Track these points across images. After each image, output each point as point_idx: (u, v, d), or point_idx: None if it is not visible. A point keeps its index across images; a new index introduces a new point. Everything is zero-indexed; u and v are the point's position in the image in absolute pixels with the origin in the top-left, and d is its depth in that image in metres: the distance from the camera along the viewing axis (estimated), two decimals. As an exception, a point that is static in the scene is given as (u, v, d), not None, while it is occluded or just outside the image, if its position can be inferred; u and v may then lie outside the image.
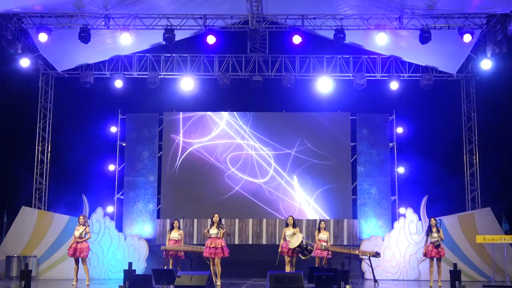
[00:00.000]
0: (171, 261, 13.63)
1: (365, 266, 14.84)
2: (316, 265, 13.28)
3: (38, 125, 17.07)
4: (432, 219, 13.12)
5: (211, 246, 12.47)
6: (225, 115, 17.37)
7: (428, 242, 13.06)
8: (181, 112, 17.43)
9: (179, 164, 17.16)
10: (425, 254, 13.15)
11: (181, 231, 13.82)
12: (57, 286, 12.46)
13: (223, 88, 16.52)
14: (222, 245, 12.55)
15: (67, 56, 16.35)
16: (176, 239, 13.63)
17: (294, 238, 12.79)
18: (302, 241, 12.69)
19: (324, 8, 14.44)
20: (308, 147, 17.08)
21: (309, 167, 16.99)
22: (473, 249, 14.74)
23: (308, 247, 12.75)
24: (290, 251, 12.83)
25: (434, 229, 12.99)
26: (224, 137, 17.25)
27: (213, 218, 12.74)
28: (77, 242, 12.85)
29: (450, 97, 17.10)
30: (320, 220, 14.01)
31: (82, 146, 16.69)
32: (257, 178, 17.01)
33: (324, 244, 13.42)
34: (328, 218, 16.46)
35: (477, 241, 14.28)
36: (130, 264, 11.49)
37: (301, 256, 12.83)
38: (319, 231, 13.60)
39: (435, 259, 13.04)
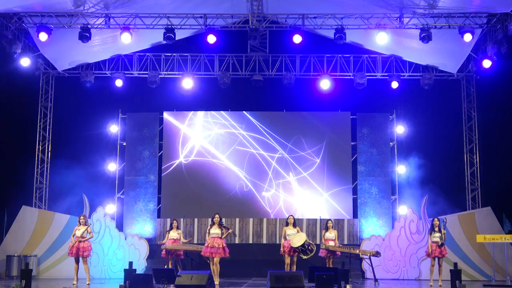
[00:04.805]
0: (170, 260, 13.63)
1: (365, 265, 14.84)
2: (327, 265, 13.25)
3: (38, 125, 17.08)
4: (435, 219, 13.12)
5: (212, 246, 12.46)
6: (226, 114, 17.36)
7: (431, 242, 13.06)
8: (181, 112, 17.43)
9: (179, 164, 17.16)
10: (428, 254, 13.13)
11: (180, 231, 13.84)
12: (57, 285, 12.45)
13: (223, 88, 16.51)
14: (223, 245, 12.55)
15: (67, 56, 16.35)
16: (175, 238, 13.64)
17: (296, 237, 12.78)
18: (305, 241, 12.67)
19: (325, 7, 14.44)
20: (308, 146, 17.08)
21: (309, 166, 16.99)
22: (473, 248, 14.73)
23: (310, 247, 12.74)
24: (292, 250, 12.83)
25: (436, 229, 12.99)
26: (224, 136, 17.25)
27: (214, 219, 12.72)
28: (79, 242, 12.85)
29: (450, 97, 17.10)
30: (327, 220, 14.00)
31: (83, 146, 16.72)
32: (257, 177, 17.00)
33: (327, 244, 13.38)
34: (329, 218, 16.43)
35: (478, 241, 14.26)
36: (130, 263, 11.50)
37: (302, 255, 12.82)
38: (326, 230, 13.59)
39: (437, 258, 13.03)
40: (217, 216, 12.73)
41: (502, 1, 13.18)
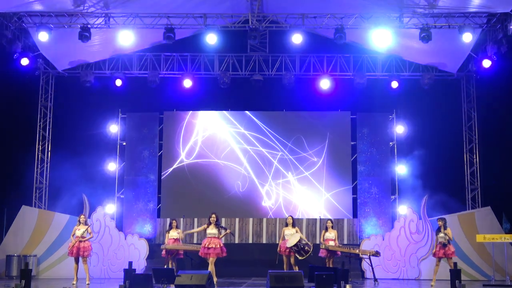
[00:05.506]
0: (170, 260, 13.64)
1: (365, 265, 14.84)
2: (327, 265, 13.25)
3: (38, 124, 17.08)
4: (439, 220, 13.17)
5: (209, 246, 12.44)
6: (226, 114, 17.36)
7: (437, 242, 13.13)
8: (181, 111, 17.42)
9: (179, 163, 17.16)
10: (433, 254, 13.20)
11: (179, 230, 13.88)
12: (57, 285, 12.45)
13: (223, 87, 16.50)
14: (220, 245, 12.53)
15: (67, 55, 16.35)
16: (175, 237, 13.65)
17: (292, 237, 12.85)
18: (299, 241, 12.71)
19: (325, 7, 14.43)
20: (308, 146, 17.08)
21: (308, 166, 16.99)
22: (473, 248, 14.74)
23: (305, 248, 12.75)
24: (288, 250, 12.85)
25: (442, 229, 13.05)
26: (224, 136, 17.24)
27: (210, 219, 12.69)
28: (80, 241, 12.85)
29: (450, 96, 17.09)
30: (327, 219, 14.03)
31: (83, 145, 16.69)
32: (257, 177, 17.00)
33: (327, 244, 13.39)
34: (329, 217, 16.44)
35: (477, 240, 14.27)
36: (130, 263, 11.47)
37: (297, 256, 12.83)
38: (326, 230, 13.61)
39: (441, 259, 13.07)
40: (213, 215, 12.71)
41: (501, 1, 13.18)
